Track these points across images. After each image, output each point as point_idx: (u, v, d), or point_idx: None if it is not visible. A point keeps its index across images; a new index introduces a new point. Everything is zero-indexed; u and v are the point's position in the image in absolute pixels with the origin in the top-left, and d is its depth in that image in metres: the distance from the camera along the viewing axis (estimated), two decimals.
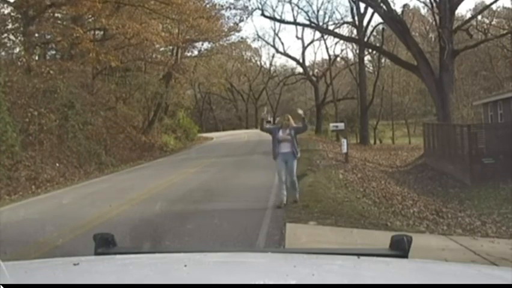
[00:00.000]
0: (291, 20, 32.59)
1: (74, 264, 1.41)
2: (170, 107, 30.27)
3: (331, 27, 32.41)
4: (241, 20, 29.08)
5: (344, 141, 18.40)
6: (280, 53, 43.30)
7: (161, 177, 13.67)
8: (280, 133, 8.25)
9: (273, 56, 66.71)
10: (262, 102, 47.51)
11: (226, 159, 18.59)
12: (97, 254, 1.60)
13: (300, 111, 8.58)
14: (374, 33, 36.46)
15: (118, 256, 1.58)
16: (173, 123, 30.65)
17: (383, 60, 35.59)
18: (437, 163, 18.23)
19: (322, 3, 56.42)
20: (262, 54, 65.71)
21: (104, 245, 1.63)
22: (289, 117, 8.49)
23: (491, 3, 28.73)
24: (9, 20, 19.06)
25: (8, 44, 19.42)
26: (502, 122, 18.45)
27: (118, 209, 8.62)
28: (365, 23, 32.94)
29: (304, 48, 45.09)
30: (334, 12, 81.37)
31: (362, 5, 30.07)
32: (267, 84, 47.72)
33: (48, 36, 19.24)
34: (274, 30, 54.45)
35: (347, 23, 34.78)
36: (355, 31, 33.87)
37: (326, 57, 47.02)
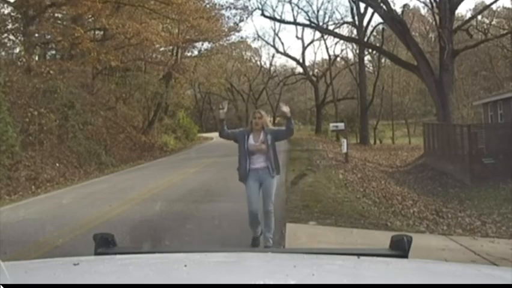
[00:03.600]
0: (291, 20, 32.60)
1: (74, 264, 1.41)
2: (170, 107, 30.28)
3: (331, 27, 32.45)
4: (241, 20, 29.15)
5: (343, 141, 18.42)
6: (280, 53, 43.38)
7: (162, 177, 13.67)
8: (251, 140, 5.52)
9: (273, 56, 66.93)
10: (262, 102, 47.44)
11: (226, 159, 18.53)
12: (97, 254, 1.60)
13: (285, 108, 5.50)
14: (374, 33, 36.52)
15: (118, 256, 1.58)
16: (173, 123, 30.67)
17: (383, 60, 35.60)
18: (437, 163, 18.23)
19: (322, 3, 56.57)
20: (262, 54, 65.88)
21: (104, 245, 1.63)
22: (263, 114, 5.72)
23: (491, 3, 28.83)
24: (9, 20, 19.04)
25: (8, 44, 19.41)
26: (502, 122, 18.45)
27: (118, 209, 8.62)
28: (365, 23, 33.04)
29: (304, 48, 45.39)
30: (334, 12, 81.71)
31: (362, 5, 30.13)
32: (267, 84, 47.70)
33: (48, 36, 19.22)
34: (274, 30, 54.66)
35: (347, 23, 34.84)
36: (355, 31, 33.91)
37: (326, 57, 47.09)
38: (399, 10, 23.63)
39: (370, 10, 29.65)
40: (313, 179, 12.00)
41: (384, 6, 20.24)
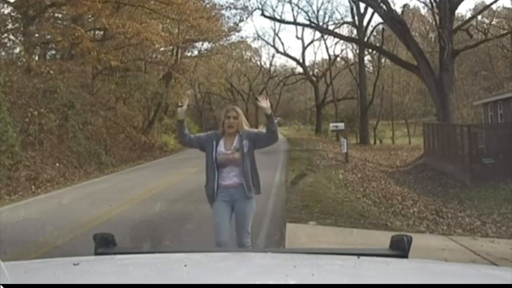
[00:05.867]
0: (291, 20, 32.64)
1: (74, 264, 1.41)
2: (170, 107, 30.26)
3: (331, 27, 32.50)
4: (241, 20, 29.19)
5: (343, 141, 18.43)
6: (280, 53, 43.46)
7: (162, 177, 13.67)
8: (221, 147, 4.17)
9: (273, 56, 67.18)
10: None
11: None
12: (97, 254, 1.60)
13: (264, 103, 4.05)
14: (374, 33, 36.54)
15: (118, 256, 1.58)
16: (173, 123, 30.62)
17: (383, 60, 35.61)
18: (437, 163, 18.23)
19: (322, 3, 56.82)
20: (262, 54, 66.02)
21: (104, 245, 1.63)
22: (239, 112, 4.25)
23: (491, 3, 28.82)
24: (9, 20, 19.03)
25: (8, 44, 19.40)
26: (502, 122, 18.45)
27: (118, 209, 8.62)
28: (365, 23, 33.07)
29: (304, 48, 45.55)
30: (334, 12, 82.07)
31: (362, 5, 30.14)
32: (267, 84, 47.71)
33: (48, 36, 19.20)
34: (274, 30, 54.80)
35: (347, 23, 34.88)
36: (355, 31, 33.93)
37: (326, 57, 47.16)
38: (399, 10, 23.69)
39: (370, 10, 29.70)
40: (313, 179, 12.00)
41: (384, 6, 20.24)
